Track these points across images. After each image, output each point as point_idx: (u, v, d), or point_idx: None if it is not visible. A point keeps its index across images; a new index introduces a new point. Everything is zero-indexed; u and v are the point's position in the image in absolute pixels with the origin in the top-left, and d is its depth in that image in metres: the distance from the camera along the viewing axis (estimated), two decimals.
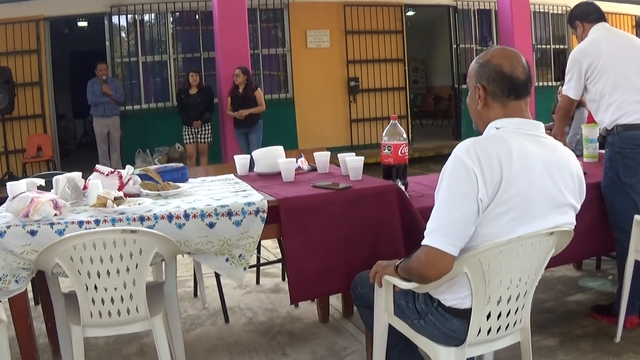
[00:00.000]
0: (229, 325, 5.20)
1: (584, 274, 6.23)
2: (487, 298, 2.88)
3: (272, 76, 16.29)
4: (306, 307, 5.45)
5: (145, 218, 3.55)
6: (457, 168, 2.70)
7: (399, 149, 4.27)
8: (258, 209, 3.73)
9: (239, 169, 5.06)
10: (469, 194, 2.66)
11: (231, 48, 12.88)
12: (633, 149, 4.62)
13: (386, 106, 17.13)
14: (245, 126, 12.20)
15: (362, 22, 16.79)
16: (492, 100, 2.91)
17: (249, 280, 6.16)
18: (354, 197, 3.95)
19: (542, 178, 2.78)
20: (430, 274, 2.75)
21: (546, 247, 2.95)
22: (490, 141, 2.78)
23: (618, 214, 4.68)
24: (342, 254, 3.88)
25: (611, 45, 4.76)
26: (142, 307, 3.45)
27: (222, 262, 3.78)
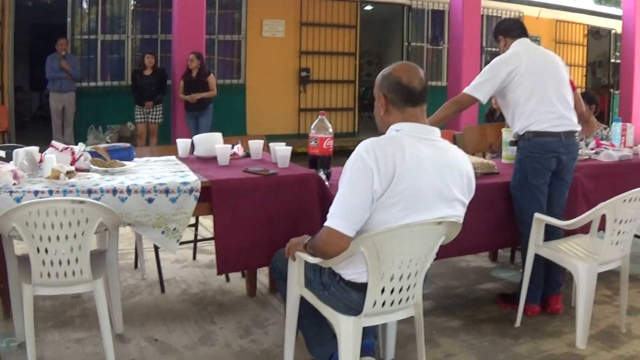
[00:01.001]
0: (165, 295, 5.52)
1: (498, 265, 6.65)
2: (380, 274, 3.27)
3: (226, 62, 16.34)
4: (236, 282, 5.81)
5: (93, 191, 3.93)
6: (358, 163, 3.17)
7: (324, 142, 4.70)
8: (192, 188, 4.13)
9: (180, 152, 5.40)
10: (365, 185, 3.12)
11: (187, 32, 12.95)
12: (541, 154, 5.03)
13: (335, 98, 17.36)
14: (196, 109, 12.38)
15: (317, 14, 16.90)
16: (392, 107, 3.43)
17: (186, 256, 6.47)
18: (279, 183, 4.37)
19: (431, 176, 3.24)
20: (330, 251, 3.22)
21: (435, 234, 3.35)
22: (388, 142, 3.25)
23: (524, 211, 5.10)
24: (266, 233, 4.28)
25: (531, 59, 5.15)
26: (86, 271, 3.84)
27: (158, 234, 4.17)
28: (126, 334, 4.65)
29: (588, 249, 4.97)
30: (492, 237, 5.35)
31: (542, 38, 20.89)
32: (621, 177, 5.89)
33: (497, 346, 4.74)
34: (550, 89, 5.13)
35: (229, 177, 4.40)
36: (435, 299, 5.66)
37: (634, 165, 6.22)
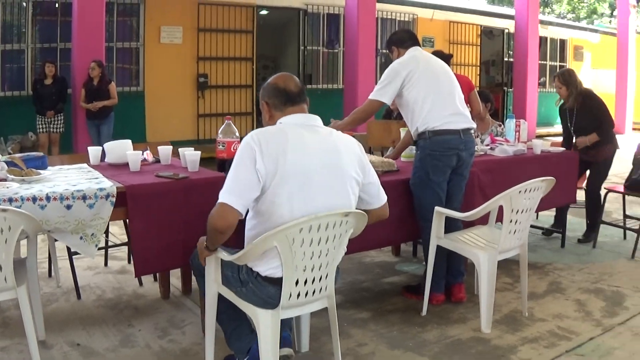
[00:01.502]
0: (81, 301, 5.60)
1: (401, 259, 6.96)
2: (294, 267, 3.48)
3: (125, 69, 16.24)
4: (149, 286, 5.95)
5: (13, 199, 4.01)
6: (243, 147, 3.58)
7: (231, 145, 4.90)
8: (108, 193, 4.26)
9: (91, 159, 5.54)
10: (249, 165, 3.49)
11: (87, 40, 12.86)
12: (442, 152, 5.32)
13: (233, 103, 17.45)
14: (98, 118, 12.37)
15: (215, 20, 16.96)
16: (274, 111, 3.84)
17: (97, 262, 6.54)
18: (191, 186, 4.54)
19: (319, 157, 3.61)
20: (220, 225, 3.50)
21: (343, 226, 3.60)
22: (272, 130, 3.68)
23: (424, 206, 5.38)
24: (181, 235, 4.43)
25: (426, 62, 5.49)
26: (9, 278, 3.92)
27: (77, 239, 4.27)
28: (48, 340, 4.73)
29: (487, 238, 5.28)
30: (394, 232, 5.58)
31: (436, 39, 21.42)
32: (516, 171, 6.27)
33: (406, 334, 4.99)
34: (445, 89, 5.46)
35: (142, 182, 4.54)
36: (343, 293, 5.89)
37: (528, 159, 6.63)
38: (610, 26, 33.99)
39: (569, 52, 27.68)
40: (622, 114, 25.13)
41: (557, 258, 7.14)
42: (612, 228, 8.07)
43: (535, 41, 21.60)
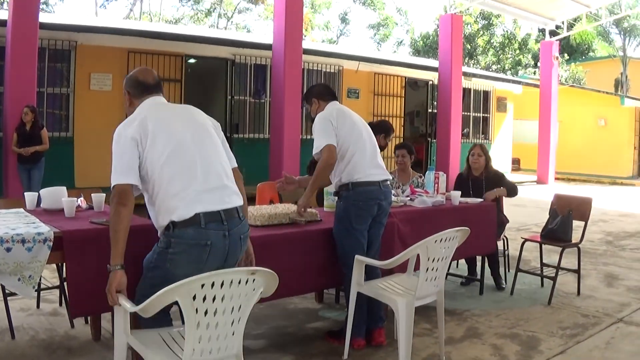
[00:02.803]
0: (15, 341, 5.74)
1: (324, 306, 7.20)
2: (196, 323, 3.49)
3: (54, 114, 16.28)
4: (81, 328, 6.10)
5: None
6: (117, 136, 4.15)
7: None
8: (46, 238, 4.45)
9: (27, 204, 5.73)
10: (129, 144, 4.07)
11: (19, 85, 12.95)
12: (365, 202, 5.65)
13: None
14: (29, 162, 12.42)
15: None
16: (134, 99, 4.41)
17: (30, 304, 6.67)
18: None
19: (181, 123, 4.27)
20: (125, 205, 4.04)
21: (250, 284, 3.63)
22: (132, 116, 4.24)
23: (347, 253, 5.64)
24: None
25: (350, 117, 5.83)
26: None
27: (14, 280, 4.41)
28: None
29: (405, 285, 5.55)
30: (317, 279, 5.86)
31: (361, 90, 21.82)
32: (434, 221, 6.60)
33: None
34: (367, 143, 5.79)
35: (78, 228, 4.73)
36: (267, 337, 6.13)
37: (446, 210, 6.99)
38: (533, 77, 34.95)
39: (492, 103, 28.33)
40: (544, 164, 25.95)
41: (475, 305, 7.44)
42: (530, 276, 8.44)
43: (458, 92, 22.19)
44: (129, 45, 16.96)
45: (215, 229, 4.01)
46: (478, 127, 27.63)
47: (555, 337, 6.33)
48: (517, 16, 29.11)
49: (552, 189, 19.29)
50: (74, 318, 5.74)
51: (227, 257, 4.12)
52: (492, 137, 28.22)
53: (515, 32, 46.09)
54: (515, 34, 46.09)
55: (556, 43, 26.87)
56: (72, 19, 20.55)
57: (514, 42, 45.90)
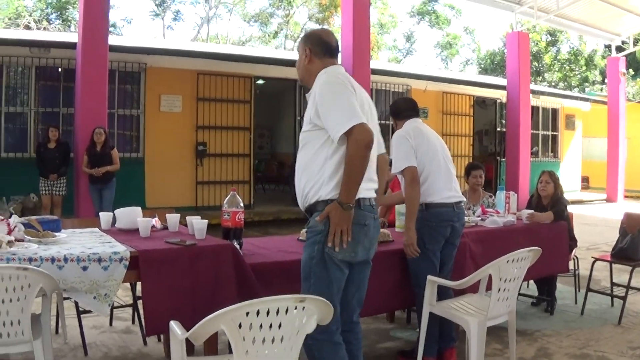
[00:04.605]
0: (88, 357, 5.86)
1: (395, 326, 7.17)
2: (244, 352, 3.39)
3: (125, 136, 16.46)
4: (154, 346, 6.19)
5: (33, 259, 4.30)
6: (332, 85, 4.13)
7: (236, 215, 5.14)
8: (122, 257, 4.52)
9: (102, 224, 5.79)
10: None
11: (90, 107, 13.15)
12: (437, 223, 5.66)
13: (231, 171, 17.62)
14: (100, 183, 12.61)
15: (213, 90, 17.28)
16: (314, 57, 4.39)
17: (103, 322, 6.77)
18: (198, 253, 4.76)
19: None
20: (368, 140, 3.94)
21: (299, 312, 3.48)
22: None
23: (419, 274, 5.64)
24: (188, 298, 4.65)
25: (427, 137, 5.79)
26: (27, 332, 4.23)
27: (90, 299, 4.52)
28: None
29: (477, 305, 5.54)
30: (389, 299, 5.87)
31: (429, 110, 21.60)
32: (505, 241, 6.54)
33: None
34: (443, 165, 5.78)
35: (154, 248, 4.80)
36: None
37: (517, 230, 6.96)
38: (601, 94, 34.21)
39: (560, 121, 27.90)
40: (614, 181, 25.57)
41: (546, 325, 7.36)
42: (600, 295, 8.31)
43: (527, 111, 21.99)
44: (198, 67, 17.13)
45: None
46: (547, 146, 27.19)
47: (625, 357, 6.26)
48: (583, 32, 28.76)
49: (621, 207, 19.06)
50: (148, 336, 5.81)
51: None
52: (561, 155, 27.76)
53: (581, 48, 45.53)
54: (582, 50, 45.50)
55: (622, 59, 26.44)
56: (141, 42, 20.94)
57: (581, 58, 45.29)
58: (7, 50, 15.01)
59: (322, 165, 4.11)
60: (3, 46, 15.05)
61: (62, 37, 20.11)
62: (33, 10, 37.38)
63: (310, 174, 4.20)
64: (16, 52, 15.13)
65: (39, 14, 37.25)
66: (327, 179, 4.08)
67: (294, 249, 5.48)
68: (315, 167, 4.16)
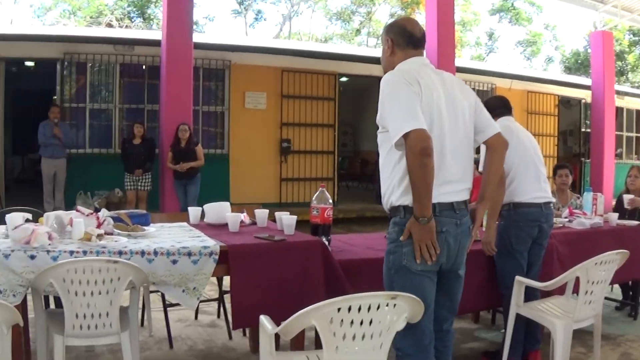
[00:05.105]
0: (173, 350, 5.90)
1: (480, 326, 7.09)
2: (334, 348, 3.37)
3: (210, 132, 16.60)
4: (239, 340, 6.21)
5: (123, 252, 4.35)
6: (395, 83, 3.84)
7: (325, 211, 5.12)
8: (212, 251, 4.55)
9: (191, 219, 5.85)
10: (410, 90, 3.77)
11: (175, 103, 13.22)
12: (525, 223, 5.54)
13: (315, 168, 17.60)
14: (185, 178, 12.67)
15: (297, 87, 17.28)
16: (396, 48, 4.15)
17: (188, 315, 6.83)
18: (287, 248, 4.78)
19: (442, 93, 3.95)
20: (426, 147, 3.59)
21: (391, 310, 3.43)
22: (405, 69, 3.96)
23: (506, 274, 5.56)
24: (276, 293, 4.65)
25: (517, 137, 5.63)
26: (115, 324, 4.28)
27: (179, 292, 4.56)
28: None
29: (564, 308, 5.41)
30: (475, 299, 5.72)
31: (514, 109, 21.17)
32: (593, 243, 6.39)
33: None
34: (532, 165, 5.64)
35: (244, 243, 4.81)
36: None
37: (604, 232, 6.76)
38: None
39: None
40: None
41: (629, 330, 7.20)
42: None
43: (612, 112, 21.48)
44: (282, 64, 17.17)
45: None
46: (631, 147, 26.57)
47: None
48: None
49: None
50: (234, 330, 5.80)
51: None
52: None
53: None
54: None
55: None
56: (225, 39, 21.02)
57: None
58: (92, 47, 15.29)
59: (392, 169, 3.95)
60: (87, 44, 15.36)
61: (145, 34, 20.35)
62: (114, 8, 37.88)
63: (384, 178, 4.07)
64: (100, 50, 15.37)
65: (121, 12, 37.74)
66: (397, 184, 3.91)
67: (381, 247, 5.37)
68: (387, 171, 4.02)
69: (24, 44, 15.01)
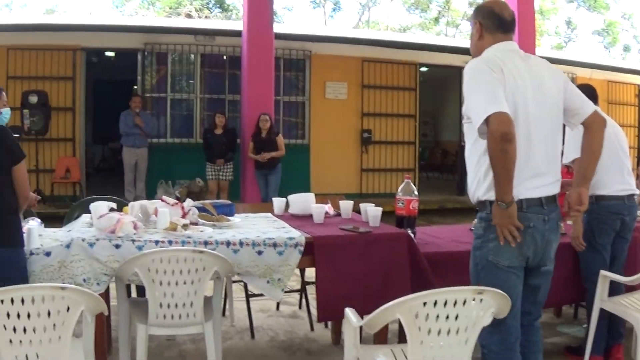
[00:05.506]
0: (255, 341, 5.89)
1: (562, 320, 6.92)
2: (419, 342, 3.29)
3: (291, 122, 16.62)
4: (321, 332, 6.16)
5: (208, 242, 4.38)
6: (478, 71, 3.73)
7: (410, 203, 5.07)
8: (297, 243, 4.55)
9: (276, 209, 5.84)
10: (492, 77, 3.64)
11: (257, 94, 13.26)
12: (608, 216, 5.38)
13: (396, 159, 17.45)
14: (266, 168, 12.65)
15: (378, 77, 17.14)
16: (485, 32, 4.00)
17: (269, 306, 6.82)
18: (373, 240, 4.73)
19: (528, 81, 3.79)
20: (505, 130, 3.48)
21: (477, 304, 3.36)
22: (490, 57, 3.81)
23: (590, 268, 5.43)
24: (360, 285, 4.62)
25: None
26: (199, 314, 4.29)
27: (263, 283, 4.57)
28: None
29: None
30: (559, 293, 5.58)
31: None
32: None
33: None
34: (615, 156, 5.46)
35: (328, 234, 4.79)
36: None
37: None
38: None
39: None
40: None
41: None
42: None
43: None
44: (363, 54, 17.04)
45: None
46: None
47: None
48: None
49: None
50: (320, 322, 5.76)
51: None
52: None
53: None
54: None
55: None
56: (305, 29, 21.10)
57: None
58: (172, 38, 15.47)
59: (477, 161, 3.84)
60: (168, 34, 15.56)
61: (226, 25, 20.47)
62: None
63: (470, 170, 3.98)
64: (181, 40, 15.55)
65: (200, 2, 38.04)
66: (482, 177, 3.81)
67: (466, 239, 5.32)
68: (472, 163, 3.92)
69: (105, 35, 15.27)
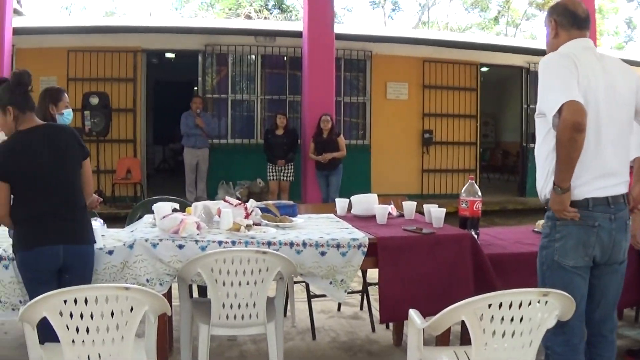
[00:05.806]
0: (316, 342, 5.88)
1: (623, 324, 6.71)
2: (483, 344, 3.29)
3: (352, 123, 16.61)
4: (382, 333, 6.12)
5: (272, 243, 4.39)
6: (554, 64, 3.70)
7: (474, 204, 5.03)
8: (360, 244, 4.53)
9: (338, 210, 5.84)
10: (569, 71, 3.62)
11: (318, 94, 13.29)
12: None
13: (457, 159, 17.34)
14: (327, 169, 12.60)
15: (439, 77, 17.05)
16: (560, 29, 3.98)
17: (331, 307, 6.81)
18: (436, 241, 4.69)
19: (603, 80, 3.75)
20: (579, 120, 3.48)
21: (542, 307, 3.30)
22: (564, 53, 3.78)
23: None
24: (424, 287, 4.58)
25: None
26: (261, 314, 4.29)
27: (326, 284, 4.57)
28: None
29: None
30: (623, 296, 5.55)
31: None
32: None
33: None
34: None
35: (393, 235, 4.75)
36: None
37: None
38: None
39: None
40: None
41: None
42: None
43: None
44: (424, 55, 16.97)
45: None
46: None
47: None
48: None
49: None
50: (382, 323, 5.73)
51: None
52: None
53: None
54: None
55: None
56: (366, 30, 21.07)
57: None
58: (233, 39, 15.58)
59: (546, 157, 3.83)
60: (228, 35, 15.67)
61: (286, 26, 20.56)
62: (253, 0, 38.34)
63: (539, 166, 3.95)
64: (242, 41, 15.66)
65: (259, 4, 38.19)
66: (551, 175, 3.78)
67: (530, 241, 5.28)
68: (541, 159, 3.91)
69: (165, 36, 15.47)
